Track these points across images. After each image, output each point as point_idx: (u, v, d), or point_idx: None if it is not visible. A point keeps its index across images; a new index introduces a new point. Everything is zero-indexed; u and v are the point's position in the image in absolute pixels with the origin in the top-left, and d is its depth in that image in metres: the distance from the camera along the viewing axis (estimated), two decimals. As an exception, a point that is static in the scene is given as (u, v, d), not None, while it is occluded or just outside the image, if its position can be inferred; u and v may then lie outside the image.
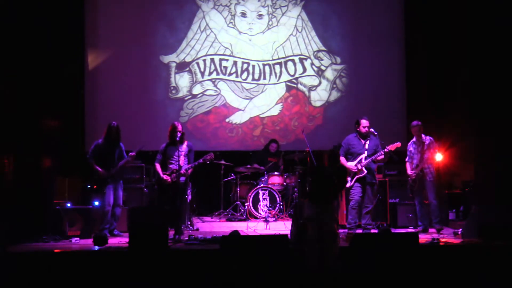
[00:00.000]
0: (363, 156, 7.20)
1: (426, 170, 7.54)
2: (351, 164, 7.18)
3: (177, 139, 7.16)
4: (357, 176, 7.15)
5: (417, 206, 7.63)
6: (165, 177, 7.15)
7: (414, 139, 7.77)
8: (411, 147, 7.78)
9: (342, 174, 6.04)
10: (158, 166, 7.27)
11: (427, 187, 7.54)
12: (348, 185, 7.19)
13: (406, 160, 7.79)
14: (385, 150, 7.15)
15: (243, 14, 10.05)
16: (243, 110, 10.00)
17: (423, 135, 7.67)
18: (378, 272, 5.42)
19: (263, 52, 10.05)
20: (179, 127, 7.24)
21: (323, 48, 10.11)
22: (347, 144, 7.36)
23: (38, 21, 8.20)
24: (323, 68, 10.10)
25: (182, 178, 7.19)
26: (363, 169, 7.14)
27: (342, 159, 7.29)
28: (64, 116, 8.99)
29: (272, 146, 9.45)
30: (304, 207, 5.78)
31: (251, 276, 5.33)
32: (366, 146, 7.28)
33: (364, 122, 7.33)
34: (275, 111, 10.05)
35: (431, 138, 7.68)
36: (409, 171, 7.69)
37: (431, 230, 7.49)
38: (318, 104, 10.08)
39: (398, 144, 7.29)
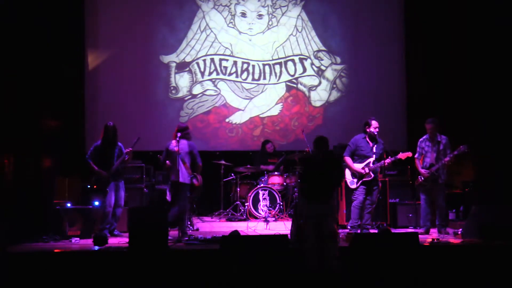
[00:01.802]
0: (371, 159, 7.10)
1: (440, 171, 7.33)
2: (358, 166, 7.12)
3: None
4: (363, 179, 7.09)
5: (422, 206, 7.45)
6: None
7: (427, 136, 7.47)
8: (423, 144, 7.48)
9: (337, 162, 5.78)
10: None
11: (439, 189, 7.34)
12: (353, 186, 7.16)
13: (416, 156, 7.49)
14: (396, 157, 7.10)
15: (243, 14, 10.04)
16: (243, 110, 10.00)
17: (438, 134, 7.40)
18: (378, 272, 5.43)
19: (263, 52, 10.04)
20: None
21: (323, 48, 10.11)
22: (355, 145, 7.20)
23: (38, 21, 8.21)
24: (323, 68, 10.09)
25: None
26: (371, 173, 7.06)
27: (348, 160, 7.17)
28: (64, 116, 8.99)
29: (268, 147, 9.42)
30: (301, 206, 5.78)
31: (251, 276, 5.33)
32: (374, 150, 7.16)
33: (375, 123, 7.19)
34: (275, 111, 10.05)
35: (446, 137, 7.42)
36: (421, 169, 7.41)
37: (432, 230, 7.46)
38: (318, 104, 10.08)
39: (409, 153, 7.24)
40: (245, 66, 10.02)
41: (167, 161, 7.05)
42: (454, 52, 9.39)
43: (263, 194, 8.68)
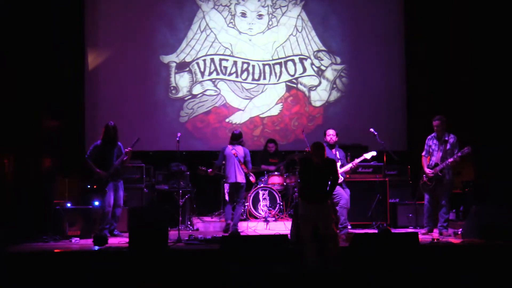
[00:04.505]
0: (338, 164, 7.10)
1: (445, 171, 7.23)
2: None
3: None
4: None
5: (426, 206, 7.38)
6: None
7: (435, 134, 7.39)
8: (430, 142, 7.40)
9: (332, 167, 5.78)
10: None
11: (444, 188, 7.25)
12: None
13: (423, 154, 7.45)
14: (362, 158, 7.17)
15: (243, 14, 10.04)
16: (243, 110, 9.99)
17: (446, 133, 7.31)
18: (378, 272, 5.43)
19: (263, 52, 10.04)
20: None
21: (323, 48, 10.10)
22: None
23: (38, 21, 8.20)
24: (323, 68, 10.09)
25: None
26: (340, 175, 6.96)
27: None
28: (64, 116, 8.98)
29: (270, 146, 9.42)
30: (299, 206, 5.79)
31: (250, 276, 5.33)
32: (338, 156, 7.23)
33: (329, 132, 7.30)
34: (275, 111, 10.05)
35: (455, 136, 7.31)
36: (426, 168, 7.33)
37: (434, 230, 7.44)
38: (318, 104, 10.08)
39: (374, 153, 7.30)
40: (245, 66, 10.02)
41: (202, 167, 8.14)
42: (454, 52, 9.39)
43: (263, 194, 8.67)
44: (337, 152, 7.28)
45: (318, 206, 5.57)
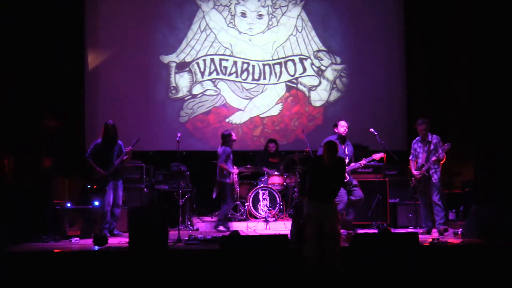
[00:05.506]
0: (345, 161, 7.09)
1: (432, 171, 7.33)
2: None
3: None
4: None
5: (421, 207, 7.50)
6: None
7: (419, 137, 7.55)
8: (415, 145, 7.57)
9: (341, 166, 5.78)
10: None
11: (433, 188, 7.34)
12: None
13: (410, 158, 7.60)
14: (371, 158, 7.20)
15: (243, 14, 10.04)
16: (243, 110, 9.99)
17: (429, 134, 7.45)
18: (378, 272, 5.43)
19: (263, 52, 10.04)
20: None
21: (323, 48, 10.10)
22: None
23: (38, 21, 8.20)
24: (323, 68, 10.09)
25: None
26: (346, 175, 6.94)
27: None
28: (64, 116, 8.98)
29: (270, 146, 9.43)
30: (304, 205, 5.79)
31: (250, 276, 5.33)
32: (346, 152, 7.21)
33: (342, 123, 7.29)
34: (275, 111, 10.05)
35: (438, 137, 7.44)
36: (413, 171, 7.48)
37: (433, 230, 7.46)
38: (318, 104, 10.08)
39: (382, 154, 7.34)
40: (245, 66, 10.02)
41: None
42: (454, 52, 9.39)
43: (263, 194, 8.67)
44: (346, 148, 7.24)
45: (325, 206, 5.58)
